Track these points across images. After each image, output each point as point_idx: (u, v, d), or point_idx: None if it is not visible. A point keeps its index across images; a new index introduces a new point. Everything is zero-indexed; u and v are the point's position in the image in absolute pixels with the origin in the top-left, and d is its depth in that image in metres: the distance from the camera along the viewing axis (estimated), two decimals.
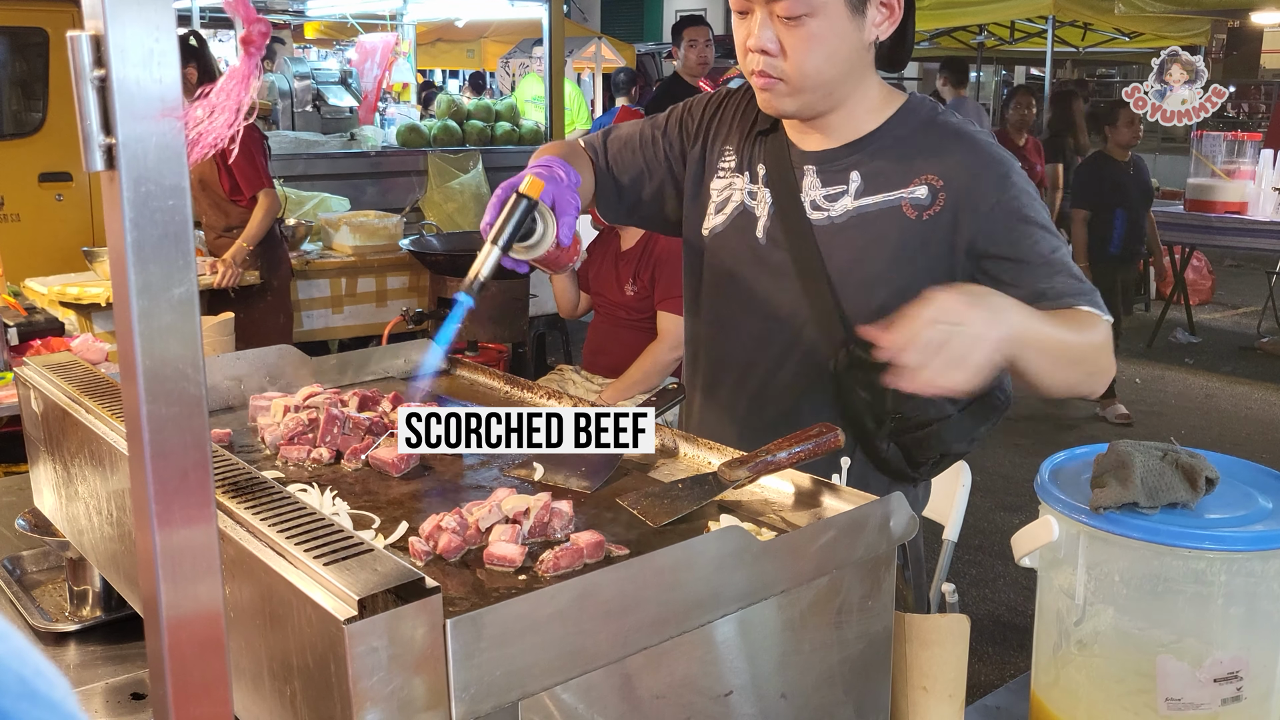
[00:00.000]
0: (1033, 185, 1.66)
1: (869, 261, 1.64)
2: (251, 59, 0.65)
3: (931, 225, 1.61)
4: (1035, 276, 1.58)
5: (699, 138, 1.83)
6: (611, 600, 0.98)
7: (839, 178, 1.67)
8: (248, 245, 4.51)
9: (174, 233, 0.63)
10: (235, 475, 1.11)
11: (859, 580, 1.20)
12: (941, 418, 1.65)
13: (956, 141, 1.64)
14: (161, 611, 0.67)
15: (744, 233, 1.73)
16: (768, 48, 1.56)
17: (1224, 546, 1.33)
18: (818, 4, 1.52)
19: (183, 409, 0.65)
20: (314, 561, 0.90)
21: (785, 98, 1.61)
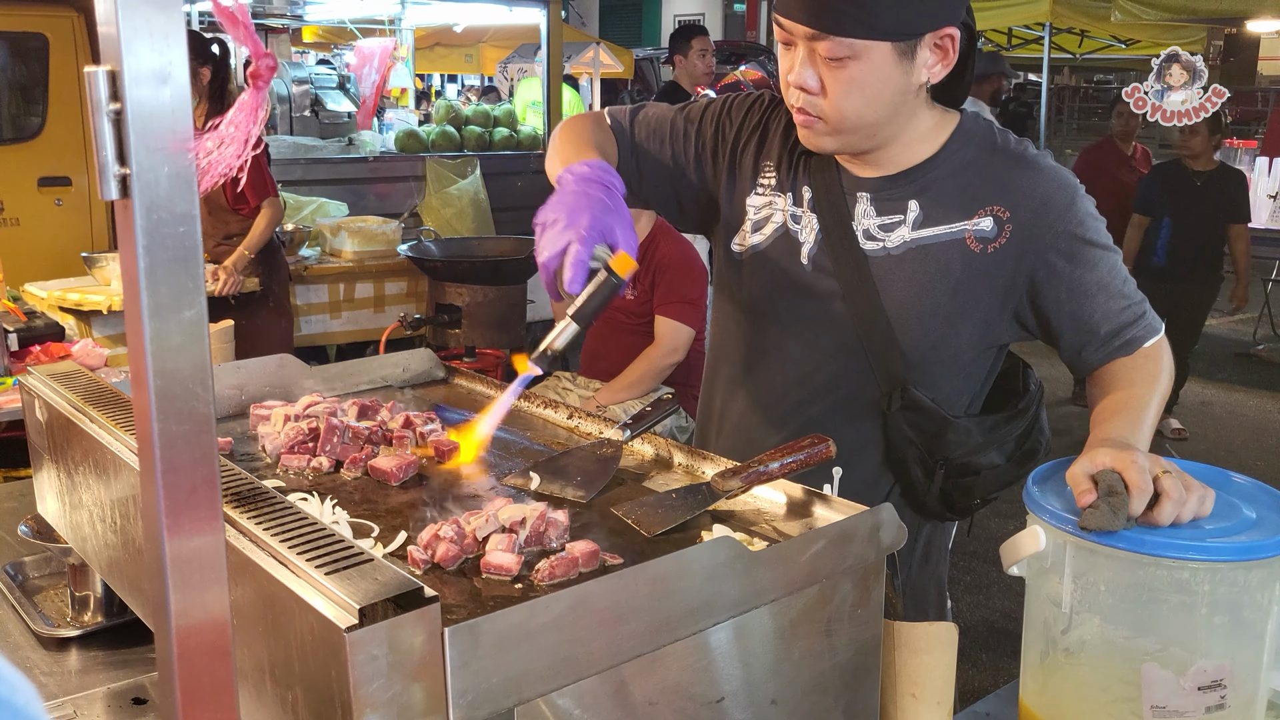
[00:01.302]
0: (1093, 203, 1.62)
1: (928, 295, 1.58)
2: (260, 92, 0.67)
3: (997, 258, 1.57)
4: (1093, 301, 1.57)
5: (737, 145, 1.74)
6: (606, 609, 1.00)
7: (896, 207, 1.61)
8: (249, 253, 4.52)
9: (184, 257, 0.65)
10: (238, 485, 1.13)
11: (849, 589, 1.23)
12: (990, 467, 1.64)
13: (1023, 168, 1.59)
14: (171, 620, 0.69)
15: (787, 256, 1.67)
16: (808, 85, 1.50)
17: (1208, 557, 1.35)
18: (860, 48, 1.45)
19: (192, 426, 0.67)
20: (315, 570, 0.93)
21: (825, 136, 1.56)
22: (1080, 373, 1.65)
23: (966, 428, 1.62)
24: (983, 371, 1.69)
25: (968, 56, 1.57)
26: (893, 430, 1.63)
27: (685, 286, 3.66)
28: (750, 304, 1.73)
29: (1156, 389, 1.55)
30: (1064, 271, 1.57)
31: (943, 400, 1.64)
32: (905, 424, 1.62)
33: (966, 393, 1.69)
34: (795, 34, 1.48)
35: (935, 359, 1.61)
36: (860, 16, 1.43)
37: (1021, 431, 1.71)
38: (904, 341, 1.60)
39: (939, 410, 1.60)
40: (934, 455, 1.62)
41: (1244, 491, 1.51)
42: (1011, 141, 1.63)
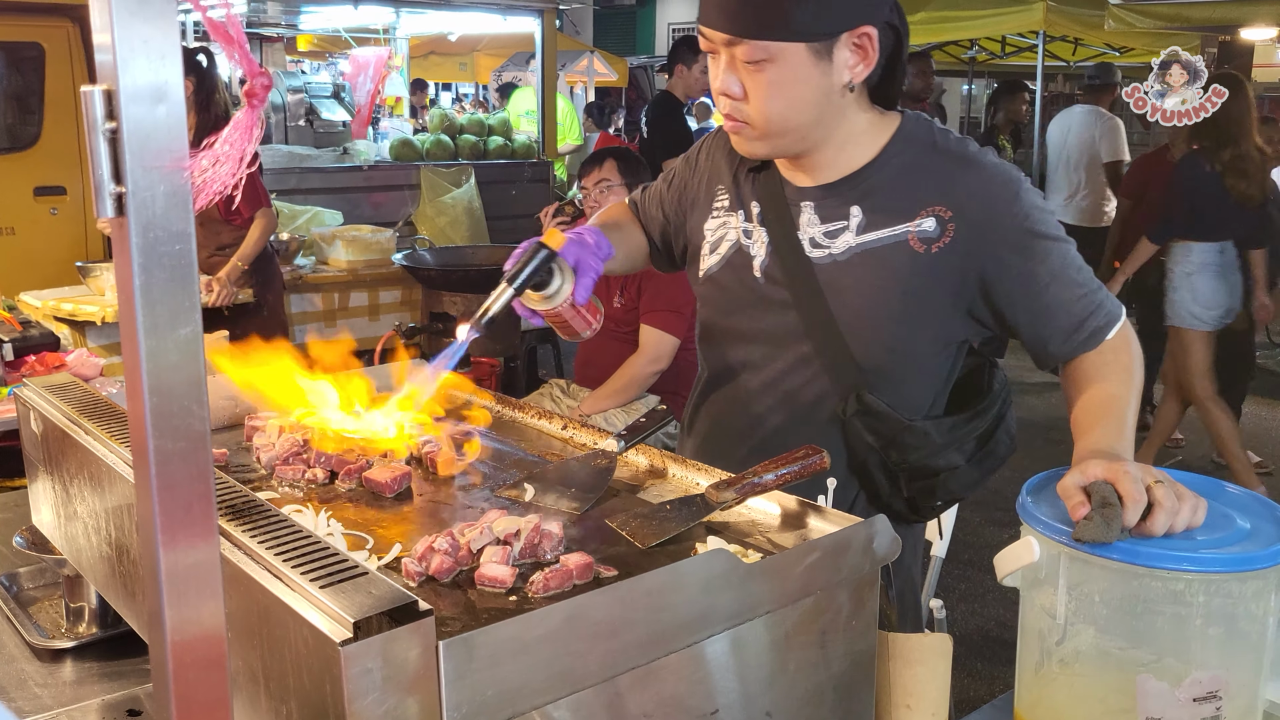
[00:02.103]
0: (1039, 194, 1.63)
1: (878, 299, 1.59)
2: (254, 110, 0.68)
3: (942, 258, 1.58)
4: (1047, 293, 1.58)
5: (695, 181, 1.82)
6: (600, 621, 1.01)
7: (838, 214, 1.62)
8: (243, 264, 4.51)
9: (180, 276, 0.65)
10: (232, 498, 1.13)
11: (843, 600, 1.23)
12: (950, 468, 1.65)
13: (963, 166, 1.59)
14: (166, 635, 0.69)
15: (741, 271, 1.70)
16: (732, 91, 1.53)
17: (1202, 568, 1.36)
18: (776, 50, 1.48)
19: (188, 443, 0.67)
20: (310, 584, 0.93)
21: (754, 141, 1.58)
22: (1046, 366, 1.66)
23: (924, 430, 1.62)
24: (944, 371, 1.69)
25: (896, 57, 1.59)
26: (852, 436, 1.65)
27: (670, 295, 3.66)
28: (714, 321, 1.77)
29: (1132, 385, 1.56)
30: (1015, 266, 1.57)
31: (904, 402, 1.64)
32: (863, 429, 1.63)
33: (928, 393, 1.69)
34: (715, 41, 1.52)
35: (893, 361, 1.62)
36: (773, 19, 1.46)
37: (982, 432, 1.71)
38: (858, 346, 1.61)
39: (894, 414, 1.61)
40: (893, 459, 1.63)
41: (1238, 502, 1.52)
42: (952, 141, 1.64)
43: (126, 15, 0.61)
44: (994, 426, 1.73)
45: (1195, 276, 5.24)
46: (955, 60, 12.02)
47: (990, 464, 1.71)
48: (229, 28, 0.64)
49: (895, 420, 1.60)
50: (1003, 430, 1.74)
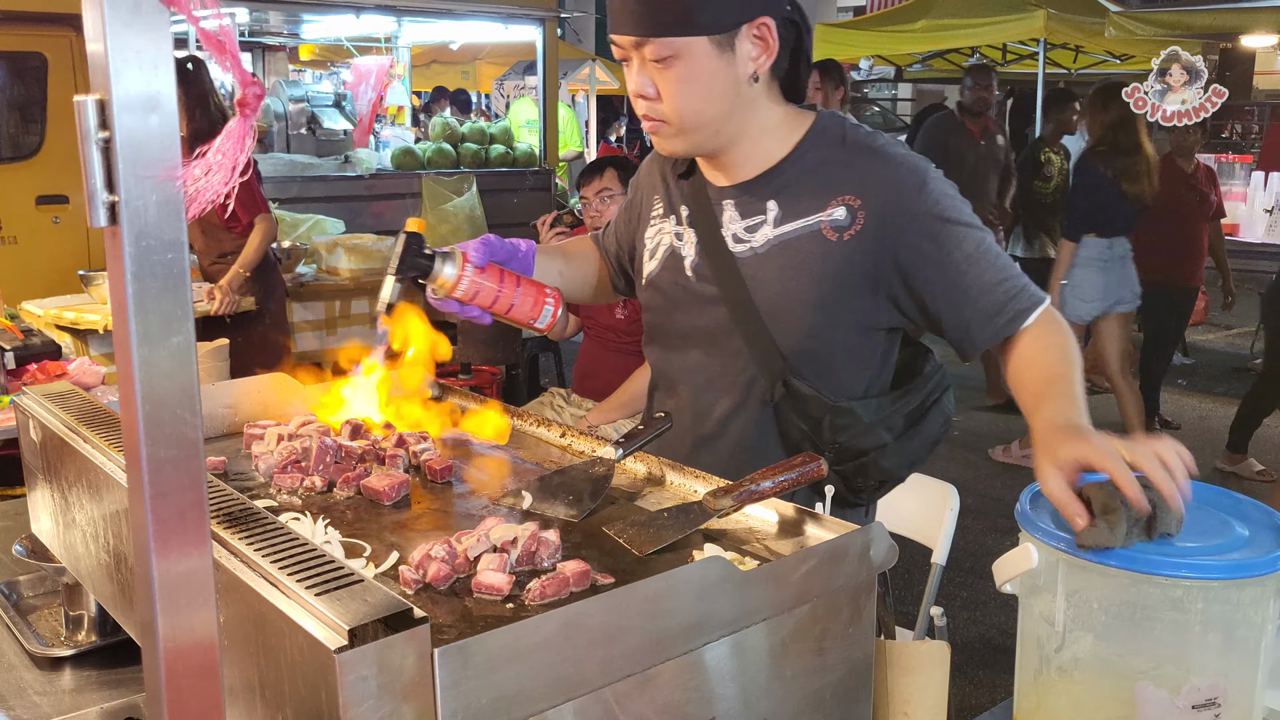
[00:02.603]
0: (952, 185, 1.67)
1: (796, 287, 1.65)
2: (247, 120, 0.68)
3: (854, 245, 1.62)
4: (966, 278, 1.61)
5: (638, 198, 1.90)
6: (596, 629, 1.01)
7: (757, 208, 1.68)
8: (244, 271, 4.52)
9: (172, 284, 0.66)
10: (229, 505, 1.13)
11: (840, 608, 1.23)
12: (878, 446, 1.67)
13: (870, 157, 1.65)
14: (159, 643, 0.69)
15: (675, 272, 1.77)
16: (645, 92, 1.59)
17: (1200, 574, 1.36)
18: (680, 45, 1.53)
19: (181, 451, 0.68)
20: (306, 591, 0.93)
21: (673, 139, 1.64)
22: (969, 353, 1.67)
23: (850, 409, 1.65)
24: (873, 356, 1.72)
25: (799, 50, 1.65)
26: (783, 420, 1.69)
27: None
28: (656, 323, 1.83)
29: (1072, 361, 1.56)
30: (929, 252, 1.61)
31: (834, 386, 1.68)
32: (791, 413, 1.67)
33: (861, 377, 1.72)
34: (625, 45, 1.58)
35: (816, 347, 1.66)
36: (675, 17, 1.52)
37: (911, 410, 1.74)
38: (780, 334, 1.66)
39: (820, 396, 1.65)
40: (824, 439, 1.66)
41: (1237, 508, 1.52)
42: (862, 134, 1.70)
43: (119, 25, 0.61)
44: (925, 406, 1.75)
45: (1078, 270, 5.66)
46: (956, 68, 12.01)
47: (920, 442, 1.73)
48: (220, 37, 0.64)
49: (820, 402, 1.64)
50: (936, 410, 1.77)
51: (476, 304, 1.62)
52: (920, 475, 2.81)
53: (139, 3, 0.61)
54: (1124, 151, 5.51)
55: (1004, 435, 6.46)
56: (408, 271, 1.59)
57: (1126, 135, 5.53)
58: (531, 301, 1.65)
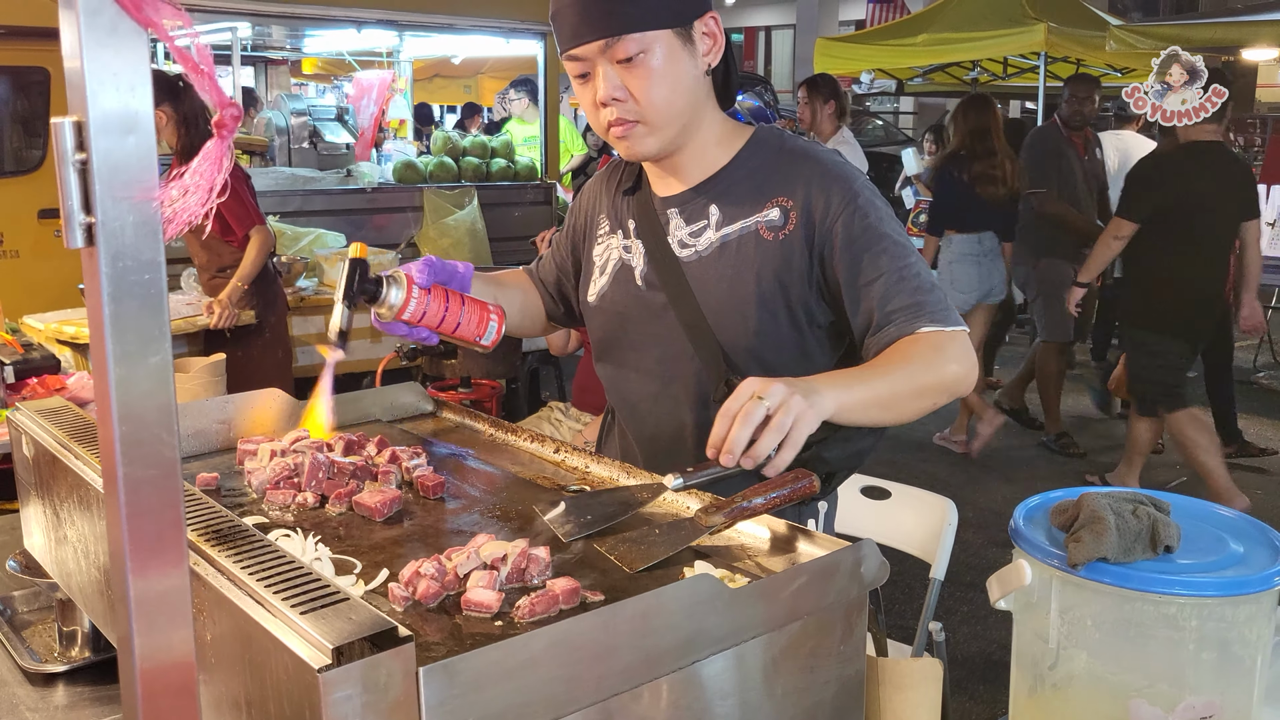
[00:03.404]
0: (881, 198, 1.72)
1: (737, 287, 1.70)
2: (224, 141, 0.68)
3: (788, 244, 1.68)
4: (871, 286, 1.63)
5: (581, 221, 1.95)
6: (584, 647, 1.00)
7: (700, 214, 1.75)
8: (242, 284, 4.52)
9: (150, 305, 0.66)
10: (218, 522, 1.13)
11: (831, 625, 1.22)
12: (819, 439, 1.66)
13: (803, 162, 1.72)
14: (135, 663, 0.69)
15: (626, 284, 1.82)
16: (616, 95, 1.63)
17: (1194, 592, 1.35)
18: (650, 39, 1.60)
19: (159, 471, 0.67)
20: (291, 610, 0.93)
21: (645, 138, 1.68)
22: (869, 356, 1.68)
23: None
24: (818, 352, 1.76)
25: (727, 57, 1.73)
26: None
27: None
28: (610, 336, 1.87)
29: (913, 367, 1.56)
30: (844, 250, 1.66)
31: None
32: None
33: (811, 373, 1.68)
34: (588, 55, 1.63)
35: (763, 345, 1.71)
36: (640, 12, 1.59)
37: None
38: (724, 333, 1.71)
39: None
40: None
41: (1232, 526, 1.51)
42: (800, 143, 1.78)
43: (95, 46, 0.61)
44: None
45: (955, 265, 6.07)
46: (957, 82, 12.04)
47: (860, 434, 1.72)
48: (197, 58, 0.64)
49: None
50: None
51: (424, 325, 1.63)
52: (918, 489, 2.81)
53: (116, 24, 0.61)
54: (979, 156, 5.98)
55: (1006, 446, 6.45)
56: (357, 297, 1.59)
57: (983, 143, 6.01)
58: (477, 320, 1.66)
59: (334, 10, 7.16)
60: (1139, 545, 1.39)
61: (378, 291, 1.60)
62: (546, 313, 2.03)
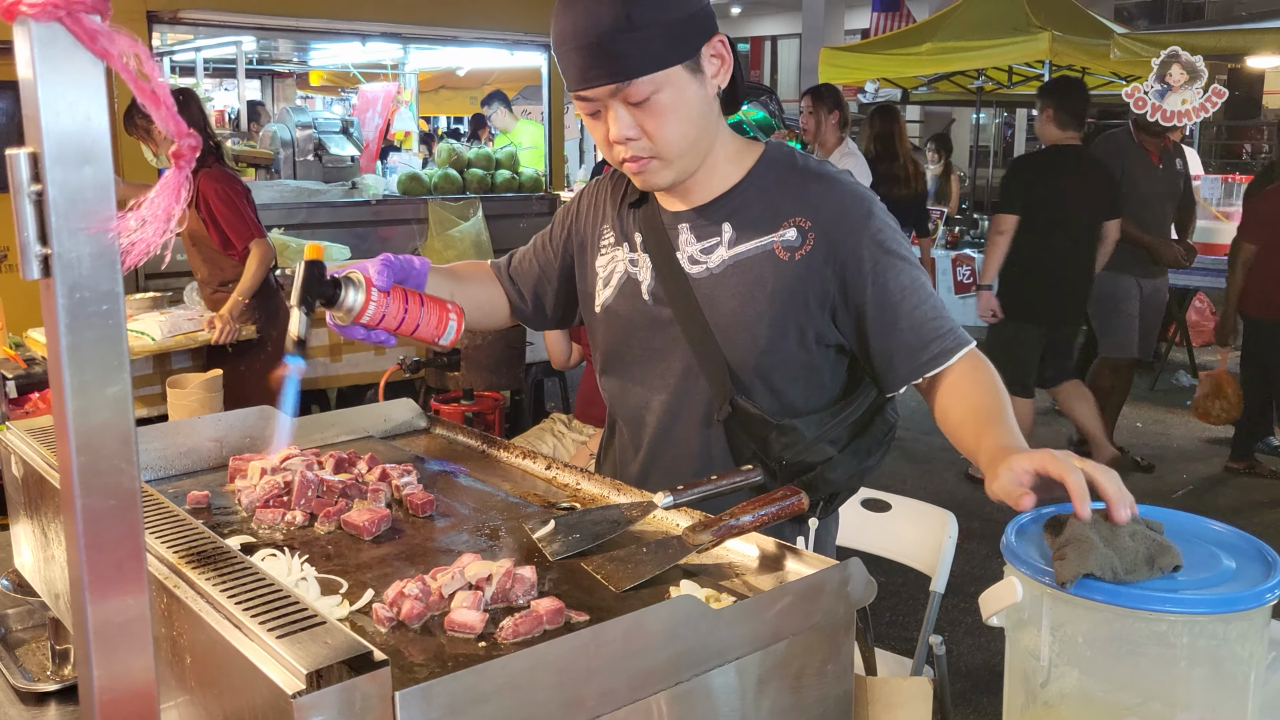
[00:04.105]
0: (894, 219, 1.73)
1: (750, 305, 1.69)
2: (181, 172, 0.68)
3: (805, 264, 1.67)
4: (899, 309, 1.65)
5: (580, 227, 1.93)
6: (563, 669, 1.00)
7: (712, 231, 1.74)
8: (243, 298, 4.53)
9: (108, 335, 0.65)
10: (200, 544, 1.13)
11: (817, 645, 1.21)
12: (824, 460, 1.69)
13: (819, 182, 1.71)
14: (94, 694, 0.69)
15: (632, 298, 1.81)
16: (629, 134, 1.62)
17: (1185, 609, 1.34)
18: (661, 80, 1.58)
19: (118, 502, 0.67)
20: (267, 634, 0.92)
21: (661, 172, 1.68)
22: (889, 386, 1.70)
23: (792, 427, 1.68)
24: (824, 372, 1.75)
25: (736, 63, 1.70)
26: (732, 438, 1.73)
27: None
28: (614, 349, 1.86)
29: (1001, 397, 1.59)
30: (868, 277, 1.66)
31: (785, 403, 1.72)
32: (739, 430, 1.71)
33: (816, 393, 1.75)
34: (600, 97, 1.61)
35: (769, 364, 1.70)
36: (648, 54, 1.56)
37: (855, 420, 1.76)
38: (732, 352, 1.70)
39: (762, 415, 1.68)
40: (771, 457, 1.69)
41: (1223, 540, 1.50)
42: (812, 161, 1.77)
43: (50, 75, 0.61)
44: (867, 416, 1.77)
45: None
46: (963, 90, 12.04)
47: (865, 450, 1.74)
48: (154, 89, 0.64)
49: (764, 421, 1.68)
50: (879, 420, 1.79)
51: (383, 328, 1.60)
52: (918, 502, 2.80)
53: (71, 53, 0.61)
54: (884, 159, 6.48)
55: None
56: (313, 302, 1.55)
57: (887, 146, 6.52)
58: (436, 320, 1.64)
59: (338, 23, 7.18)
60: (1142, 568, 1.38)
61: (335, 294, 1.56)
62: (512, 309, 2.00)
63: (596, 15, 1.55)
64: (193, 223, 4.60)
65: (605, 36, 1.54)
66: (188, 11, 6.38)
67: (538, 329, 2.12)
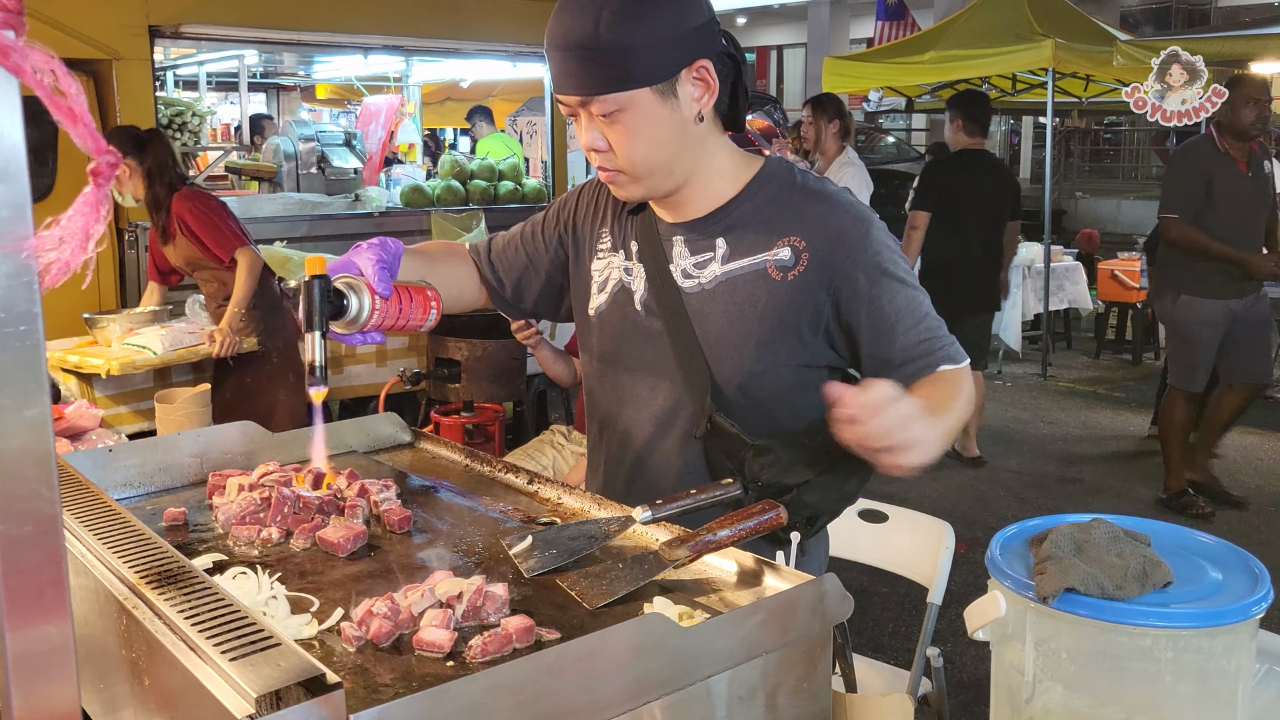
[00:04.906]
0: (892, 237, 1.70)
1: (740, 324, 1.68)
2: (100, 189, 0.66)
3: (798, 285, 1.65)
4: (893, 332, 1.63)
5: (577, 224, 1.90)
6: (525, 691, 0.98)
7: (705, 245, 1.72)
8: (239, 309, 4.53)
9: (26, 358, 0.64)
10: (162, 564, 1.12)
11: (793, 662, 1.20)
12: (800, 482, 1.66)
13: (817, 202, 1.68)
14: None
15: (624, 307, 1.79)
16: (597, 145, 1.63)
17: (1169, 623, 1.32)
18: (624, 99, 1.57)
19: (37, 527, 0.66)
20: (220, 656, 0.91)
21: (629, 186, 1.67)
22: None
23: (768, 448, 1.66)
24: (812, 393, 1.70)
25: (737, 83, 1.69)
26: (710, 455, 1.72)
27: None
28: (603, 355, 1.85)
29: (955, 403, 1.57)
30: (863, 298, 1.65)
31: (770, 423, 1.69)
32: (716, 449, 1.70)
33: (802, 414, 1.72)
34: (571, 104, 1.62)
35: (756, 384, 1.69)
36: (615, 73, 1.55)
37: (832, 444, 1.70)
38: (719, 369, 1.69)
39: (740, 435, 1.66)
40: (748, 478, 1.66)
41: (1211, 552, 1.48)
42: (810, 179, 1.74)
43: None
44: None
45: None
46: None
47: (845, 473, 1.69)
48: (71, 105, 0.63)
49: (741, 440, 1.66)
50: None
51: (379, 329, 1.57)
52: (915, 513, 2.78)
53: None
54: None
55: (1018, 465, 6.40)
56: (325, 322, 1.50)
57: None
58: (421, 310, 1.62)
59: (340, 36, 7.19)
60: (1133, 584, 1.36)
61: (344, 307, 1.53)
62: (489, 294, 1.96)
63: (571, 25, 1.55)
64: (184, 249, 4.62)
65: (575, 49, 1.55)
66: (189, 26, 6.40)
67: (513, 317, 2.09)
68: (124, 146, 4.59)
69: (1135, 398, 8.15)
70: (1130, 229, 15.46)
